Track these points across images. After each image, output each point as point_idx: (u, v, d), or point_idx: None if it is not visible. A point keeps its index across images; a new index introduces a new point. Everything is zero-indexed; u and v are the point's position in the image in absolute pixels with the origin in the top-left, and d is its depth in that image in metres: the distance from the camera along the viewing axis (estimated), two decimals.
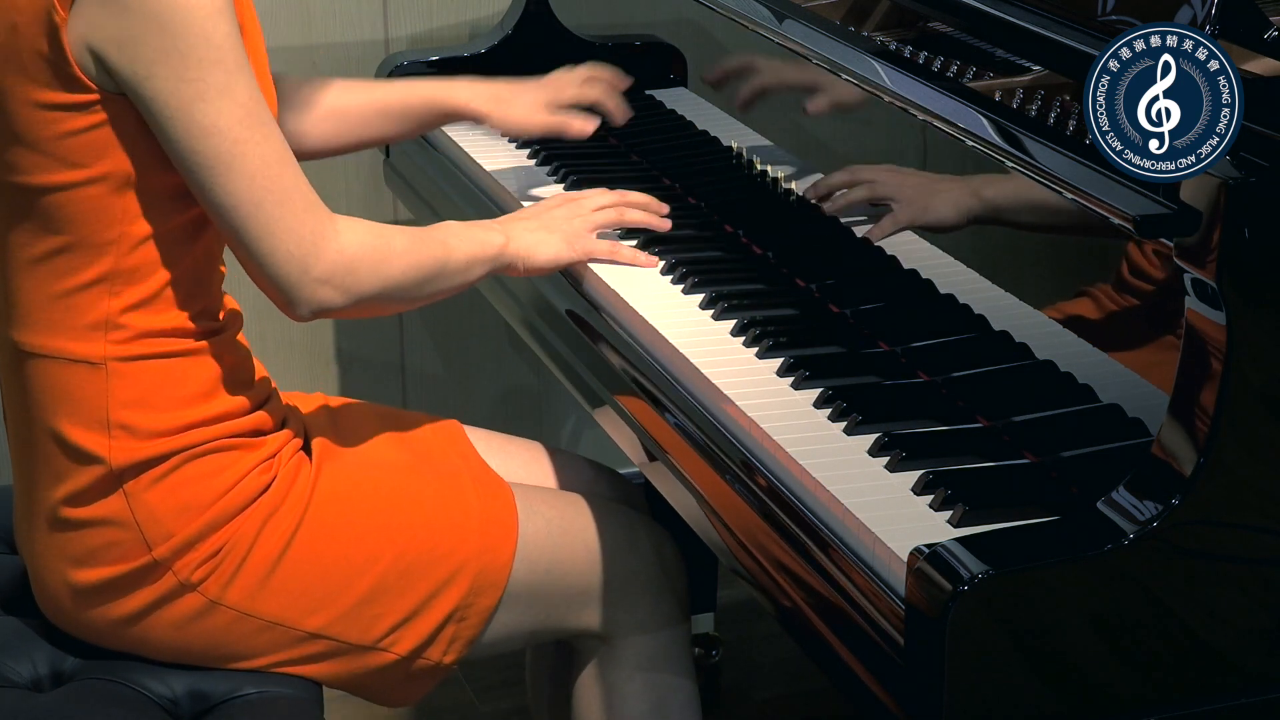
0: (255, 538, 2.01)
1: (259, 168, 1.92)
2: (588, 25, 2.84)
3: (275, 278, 1.96)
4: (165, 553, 1.99)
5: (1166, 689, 1.67)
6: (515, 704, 2.99)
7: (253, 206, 1.92)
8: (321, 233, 1.97)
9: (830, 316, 2.18)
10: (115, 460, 1.97)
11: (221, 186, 1.92)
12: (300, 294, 1.97)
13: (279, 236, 1.94)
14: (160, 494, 1.99)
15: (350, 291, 2.00)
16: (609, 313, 2.24)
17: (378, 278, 2.01)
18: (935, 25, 2.11)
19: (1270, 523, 1.68)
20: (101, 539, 1.99)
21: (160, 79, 1.88)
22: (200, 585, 2.01)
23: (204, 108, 1.89)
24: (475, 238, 2.14)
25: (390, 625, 2.06)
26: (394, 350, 3.27)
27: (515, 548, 2.09)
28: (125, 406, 1.97)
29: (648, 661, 2.18)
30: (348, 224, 2.00)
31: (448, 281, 2.10)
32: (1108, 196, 1.71)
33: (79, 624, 2.05)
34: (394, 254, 2.03)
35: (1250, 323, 1.63)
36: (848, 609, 1.73)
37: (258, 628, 2.03)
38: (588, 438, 3.38)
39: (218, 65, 1.89)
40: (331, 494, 2.06)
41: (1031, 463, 1.85)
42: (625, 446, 2.16)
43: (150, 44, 1.87)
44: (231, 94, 1.90)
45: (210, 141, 1.90)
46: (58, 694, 2.02)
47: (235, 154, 1.91)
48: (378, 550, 2.05)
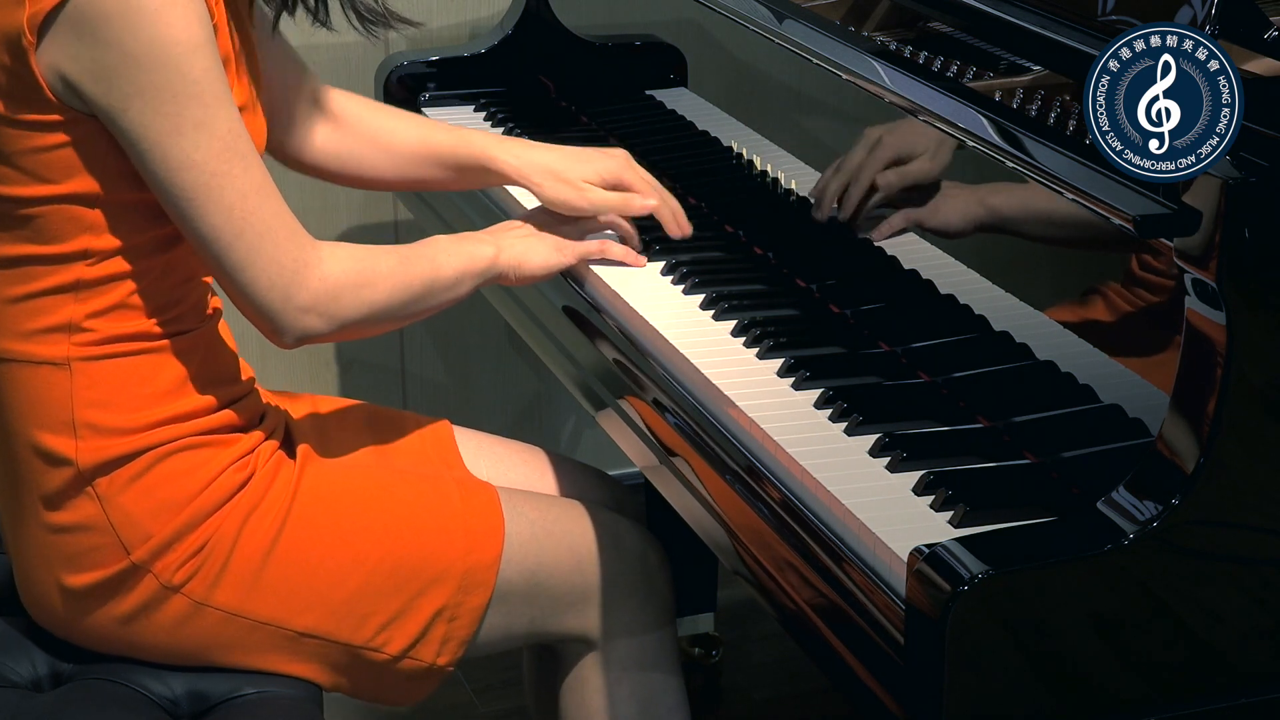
0: (236, 537, 2.01)
1: (237, 200, 1.91)
2: (588, 25, 2.84)
3: (258, 307, 1.96)
4: (144, 555, 1.99)
5: (1166, 689, 1.67)
6: (515, 704, 2.99)
7: (232, 237, 1.92)
8: (304, 261, 1.97)
9: (831, 317, 2.18)
10: (83, 461, 1.97)
11: (200, 218, 1.91)
12: (283, 322, 1.97)
13: (260, 266, 1.94)
14: (134, 496, 1.98)
15: (335, 318, 2.00)
16: (609, 313, 2.24)
17: (362, 303, 2.01)
18: (935, 25, 2.11)
19: (1270, 523, 1.68)
20: (81, 544, 1.99)
21: (136, 112, 1.87)
22: (184, 587, 2.00)
23: (180, 142, 1.88)
24: (464, 251, 2.14)
25: (380, 624, 2.06)
26: (394, 352, 3.27)
27: (502, 547, 2.09)
28: (90, 406, 1.97)
29: (635, 664, 2.19)
30: (331, 250, 2.00)
31: (436, 299, 2.10)
32: (1108, 196, 1.71)
33: (71, 629, 2.05)
34: (379, 277, 2.03)
35: (1250, 323, 1.63)
36: (848, 609, 1.73)
37: (247, 628, 2.03)
38: (588, 439, 3.38)
39: (195, 100, 1.88)
40: (315, 494, 2.06)
41: (1032, 463, 1.85)
42: (625, 448, 2.16)
43: (126, 78, 1.86)
44: (209, 128, 1.89)
45: (188, 175, 1.89)
46: (57, 694, 2.02)
47: (213, 186, 1.90)
48: (364, 551, 2.05)
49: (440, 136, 2.32)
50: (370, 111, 2.32)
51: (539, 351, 2.42)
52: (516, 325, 2.48)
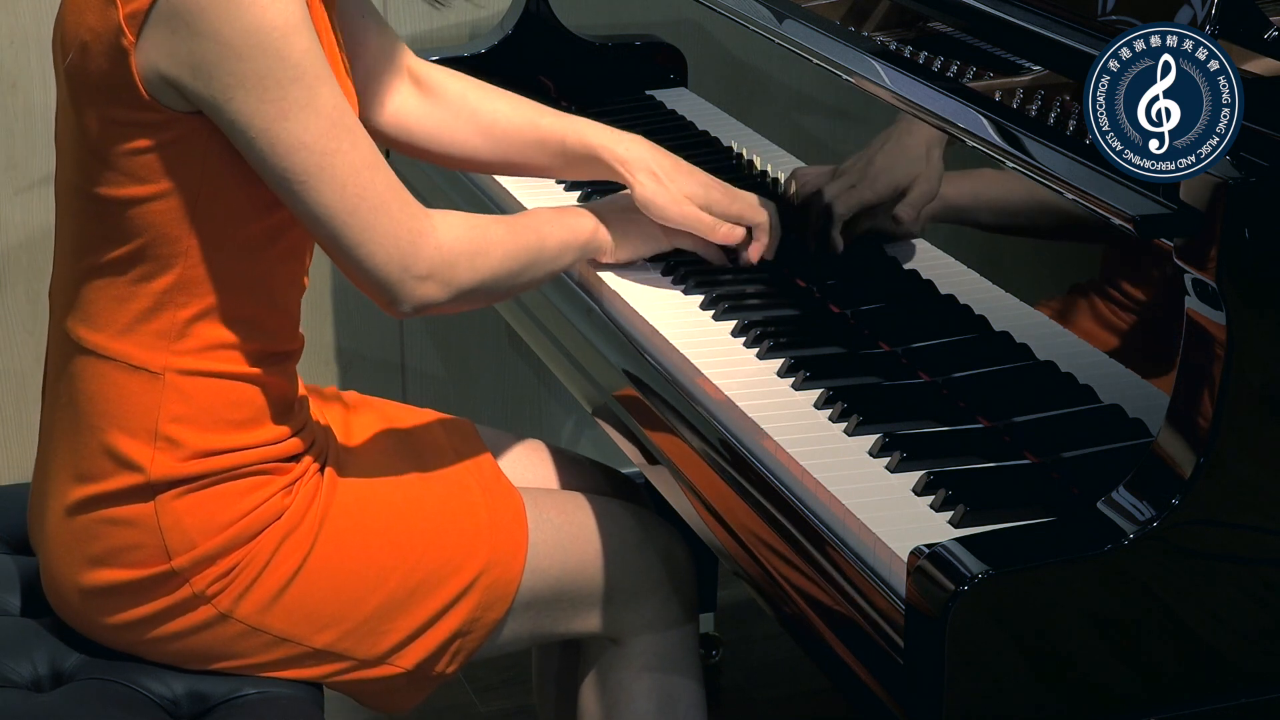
0: (271, 557, 2.00)
1: (349, 175, 1.90)
2: (588, 25, 2.84)
3: (377, 280, 1.95)
4: (184, 563, 1.99)
5: (1166, 689, 1.67)
6: (515, 704, 2.99)
7: (347, 215, 1.91)
8: (419, 230, 1.96)
9: (831, 317, 2.18)
10: (155, 472, 1.97)
11: (314, 199, 1.90)
12: (402, 292, 1.96)
13: (377, 241, 1.93)
14: (188, 506, 1.98)
15: (451, 285, 1.99)
16: (610, 313, 2.23)
17: (476, 270, 2.01)
18: (935, 25, 2.11)
19: (1270, 523, 1.68)
20: (122, 540, 1.99)
21: (240, 102, 1.86)
22: (215, 599, 2.00)
23: (288, 125, 1.87)
24: (566, 224, 2.14)
25: (397, 641, 2.05)
26: (394, 350, 3.27)
27: (524, 561, 2.09)
28: (175, 421, 1.97)
29: (655, 661, 2.18)
30: (443, 218, 1.99)
31: (542, 270, 2.10)
32: (1108, 196, 1.71)
33: (87, 623, 2.05)
34: (491, 245, 2.02)
35: (1250, 323, 1.63)
36: (848, 609, 1.73)
37: (267, 642, 2.03)
38: (588, 438, 3.38)
39: (297, 83, 1.87)
40: (343, 510, 2.05)
41: (1032, 463, 1.85)
42: (625, 448, 2.16)
43: (226, 69, 1.84)
44: (314, 107, 1.88)
45: (298, 157, 1.88)
46: (58, 694, 2.01)
47: (324, 165, 1.89)
48: (388, 566, 2.04)
49: (548, 121, 2.27)
50: (472, 89, 2.29)
51: (539, 351, 2.42)
52: (516, 325, 2.48)
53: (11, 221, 3.04)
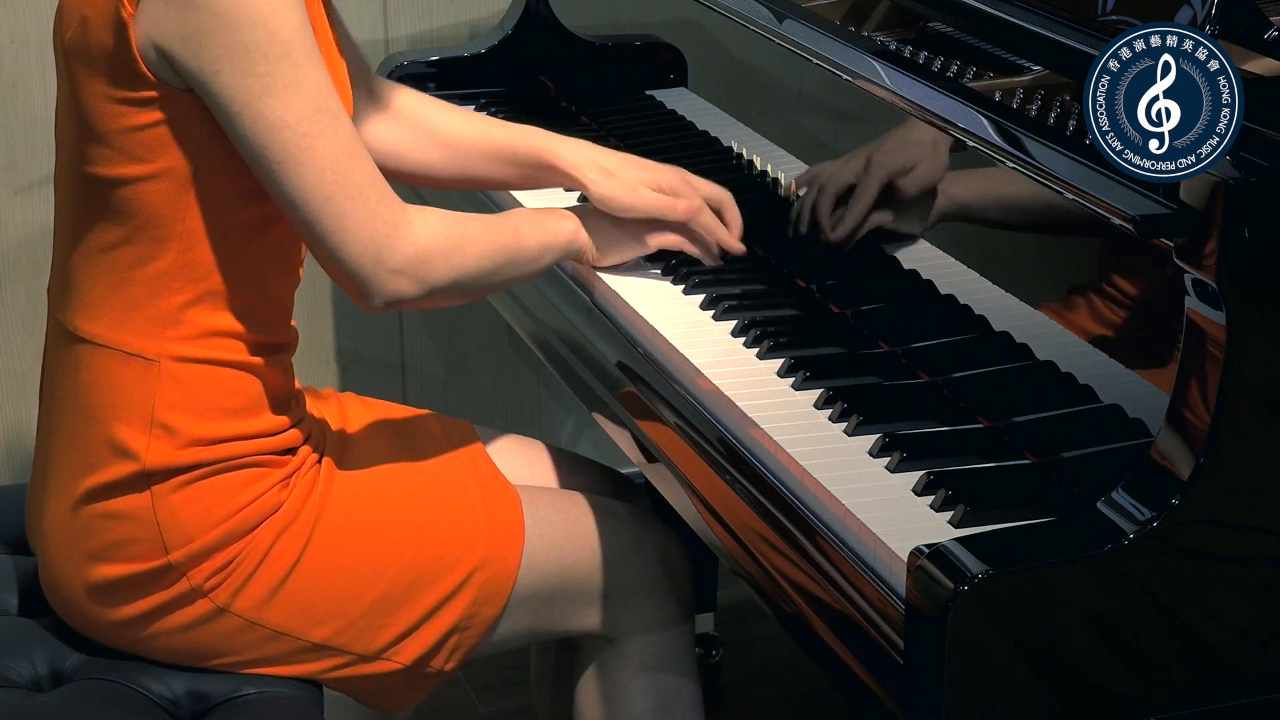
0: (267, 551, 2.01)
1: (329, 162, 1.90)
2: (588, 25, 2.84)
3: (349, 270, 1.95)
4: (181, 557, 1.99)
5: (1166, 689, 1.67)
6: (515, 704, 2.99)
7: (324, 200, 1.91)
8: (395, 224, 1.95)
9: (831, 317, 2.18)
10: (150, 460, 1.97)
11: (291, 181, 1.90)
12: (374, 285, 1.96)
13: (352, 230, 1.93)
14: (185, 499, 1.98)
15: (424, 282, 1.98)
16: (609, 313, 2.24)
17: (451, 268, 2.00)
18: (935, 25, 2.11)
19: (1270, 523, 1.68)
20: (120, 535, 1.99)
21: (226, 75, 1.86)
22: (212, 593, 2.01)
23: (271, 103, 1.87)
24: (546, 225, 2.14)
25: (394, 636, 2.06)
26: (394, 350, 3.27)
27: (521, 558, 2.09)
28: (170, 409, 1.97)
29: (652, 661, 2.18)
30: (420, 214, 1.99)
31: (519, 269, 2.10)
32: (1108, 196, 1.71)
33: (86, 620, 2.05)
34: (467, 242, 2.02)
35: (1250, 323, 1.63)
36: (848, 609, 1.73)
37: (264, 636, 2.03)
38: (588, 438, 3.39)
39: (284, 59, 1.87)
40: (341, 506, 2.05)
41: (1032, 463, 1.85)
42: (625, 447, 2.16)
43: (215, 40, 1.85)
44: (299, 88, 1.88)
45: (279, 136, 1.88)
46: (57, 694, 2.01)
47: (304, 148, 1.89)
48: (385, 561, 2.05)
49: (499, 131, 2.29)
50: (428, 106, 2.30)
51: (539, 351, 2.42)
52: (516, 325, 2.48)
53: (11, 221, 3.04)
